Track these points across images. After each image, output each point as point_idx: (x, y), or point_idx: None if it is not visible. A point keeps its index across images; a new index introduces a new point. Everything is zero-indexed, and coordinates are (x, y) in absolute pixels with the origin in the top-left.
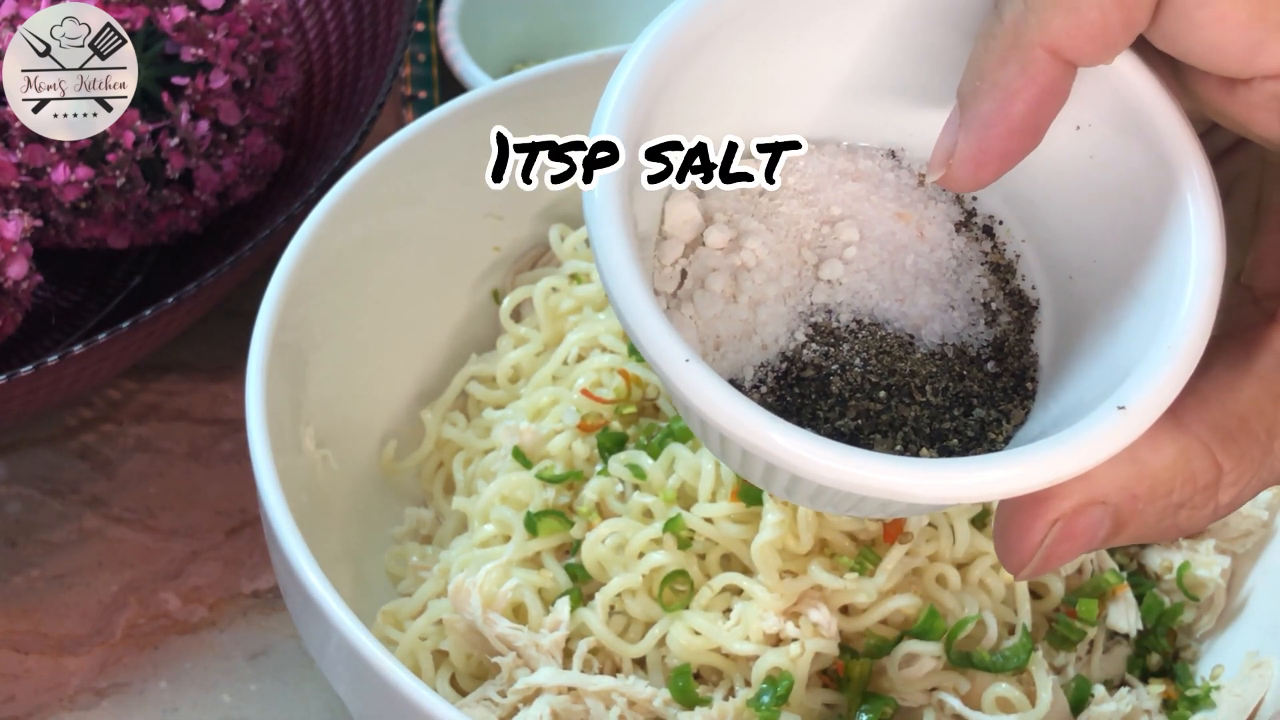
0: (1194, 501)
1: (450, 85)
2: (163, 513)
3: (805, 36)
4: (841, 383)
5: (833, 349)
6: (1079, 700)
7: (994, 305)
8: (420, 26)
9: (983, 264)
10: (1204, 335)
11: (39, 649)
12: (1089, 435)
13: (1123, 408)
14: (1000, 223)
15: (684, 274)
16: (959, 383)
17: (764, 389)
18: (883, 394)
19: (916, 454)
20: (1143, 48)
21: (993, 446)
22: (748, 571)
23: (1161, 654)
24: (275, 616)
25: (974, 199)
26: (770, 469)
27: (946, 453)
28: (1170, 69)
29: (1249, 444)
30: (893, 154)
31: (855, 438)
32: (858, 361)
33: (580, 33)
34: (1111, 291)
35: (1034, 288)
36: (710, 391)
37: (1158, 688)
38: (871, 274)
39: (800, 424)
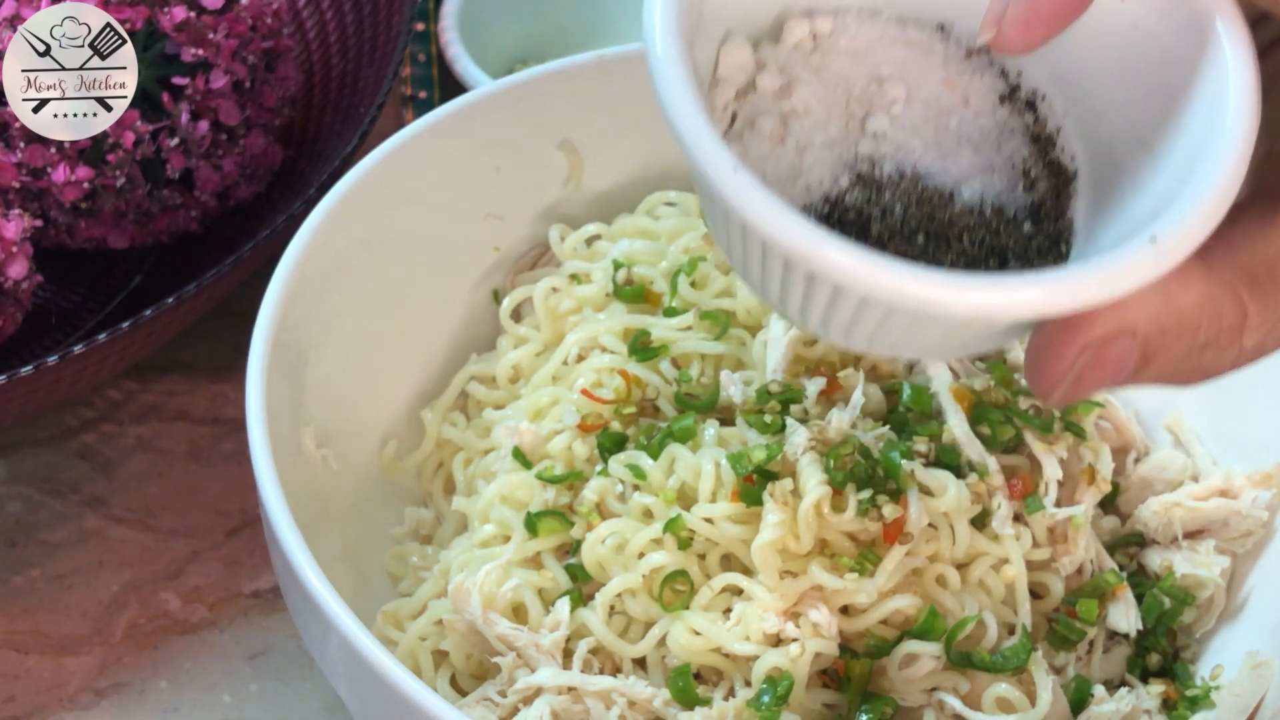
0: (1219, 342)
1: (450, 85)
2: (163, 513)
3: None
4: (881, 226)
5: (875, 195)
6: (1079, 700)
7: (1033, 173)
8: (420, 26)
9: (1024, 135)
10: (1237, 177)
11: (39, 649)
12: (1121, 263)
13: (1154, 239)
14: (1043, 98)
15: (734, 117)
16: (995, 237)
17: None
18: (920, 239)
19: None
20: None
21: None
22: (748, 571)
23: (1161, 654)
24: (275, 616)
25: (1019, 74)
26: (811, 282)
27: None
28: None
29: (1274, 291)
30: (941, 27)
31: None
32: (898, 208)
33: (580, 33)
34: (1149, 157)
35: (1073, 159)
36: (756, 197)
37: (1157, 688)
38: (916, 131)
39: None
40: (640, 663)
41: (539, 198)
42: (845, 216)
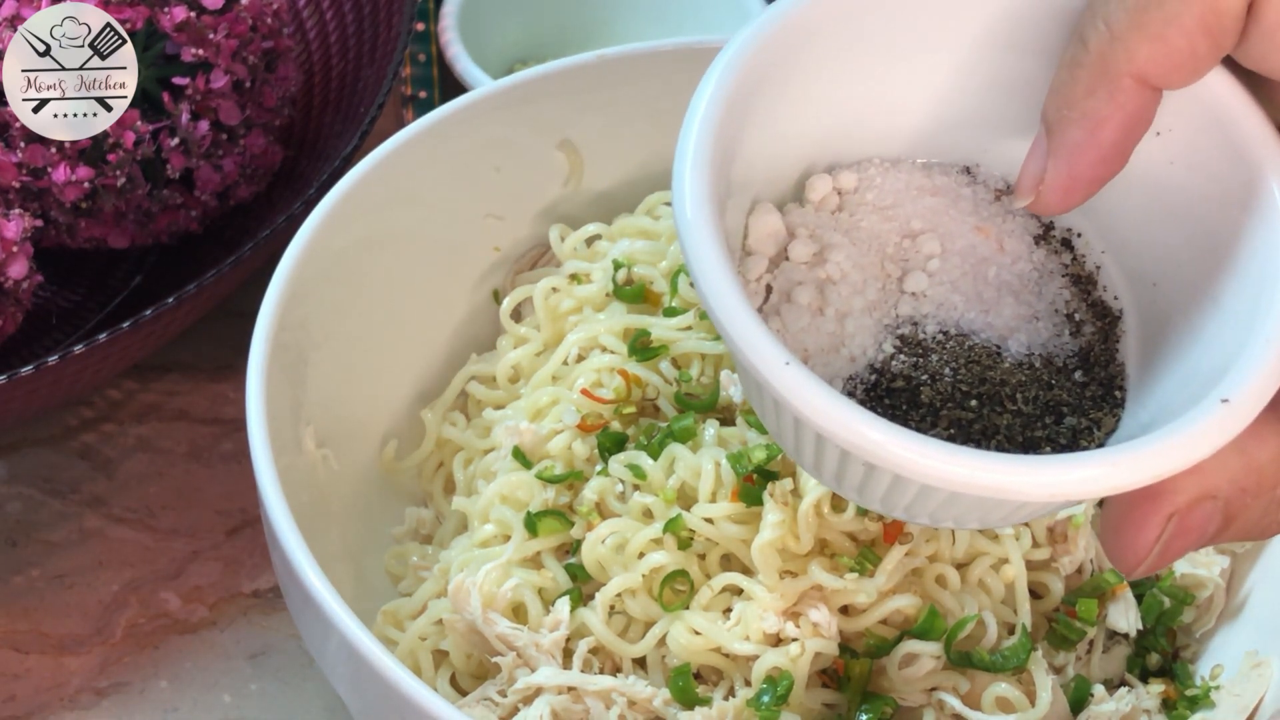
0: None
1: (450, 85)
2: (163, 512)
3: (886, 63)
4: (932, 392)
5: (921, 359)
6: (1078, 700)
7: (1077, 316)
8: (420, 26)
9: (1063, 276)
10: None
11: (40, 648)
12: (1197, 428)
13: (1226, 400)
14: (1079, 235)
15: (769, 289)
16: (1048, 391)
17: (854, 401)
18: (974, 403)
19: None
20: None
21: None
22: (748, 571)
23: (1161, 654)
24: (275, 616)
25: None
26: (870, 471)
27: None
28: (1248, 79)
29: None
30: (967, 170)
31: None
32: (947, 371)
33: (580, 33)
34: (1197, 296)
35: (1116, 298)
36: (810, 393)
37: (1157, 687)
38: (955, 286)
39: None
40: (640, 662)
41: (539, 198)
42: (893, 385)
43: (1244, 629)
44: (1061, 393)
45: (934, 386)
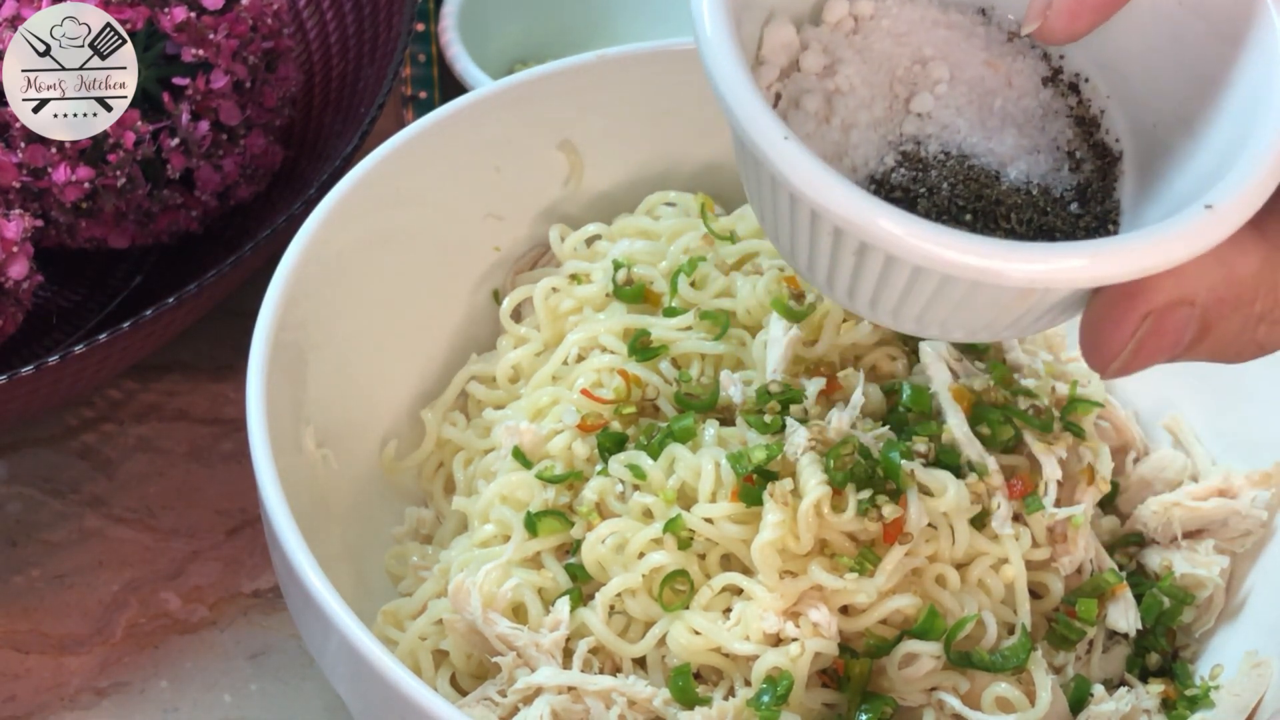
0: (1274, 315)
1: (450, 85)
2: (163, 512)
3: None
4: (929, 204)
5: (921, 174)
6: (1078, 700)
7: (1078, 154)
8: (420, 27)
9: (1068, 116)
10: None
11: (40, 648)
12: (1180, 229)
13: (1210, 206)
14: (1086, 80)
15: (778, 97)
16: (1042, 216)
17: None
18: (969, 217)
19: None
20: None
21: None
22: (748, 571)
23: (1161, 653)
24: (276, 616)
25: (1061, 57)
26: (862, 258)
27: None
28: None
29: None
30: (983, 11)
31: None
32: (945, 186)
33: (580, 33)
34: (1196, 132)
35: (1117, 140)
36: (807, 166)
37: (1157, 687)
38: (960, 111)
39: None
40: (640, 662)
41: (539, 198)
42: (891, 196)
43: (1244, 629)
44: (1055, 220)
45: (931, 199)
